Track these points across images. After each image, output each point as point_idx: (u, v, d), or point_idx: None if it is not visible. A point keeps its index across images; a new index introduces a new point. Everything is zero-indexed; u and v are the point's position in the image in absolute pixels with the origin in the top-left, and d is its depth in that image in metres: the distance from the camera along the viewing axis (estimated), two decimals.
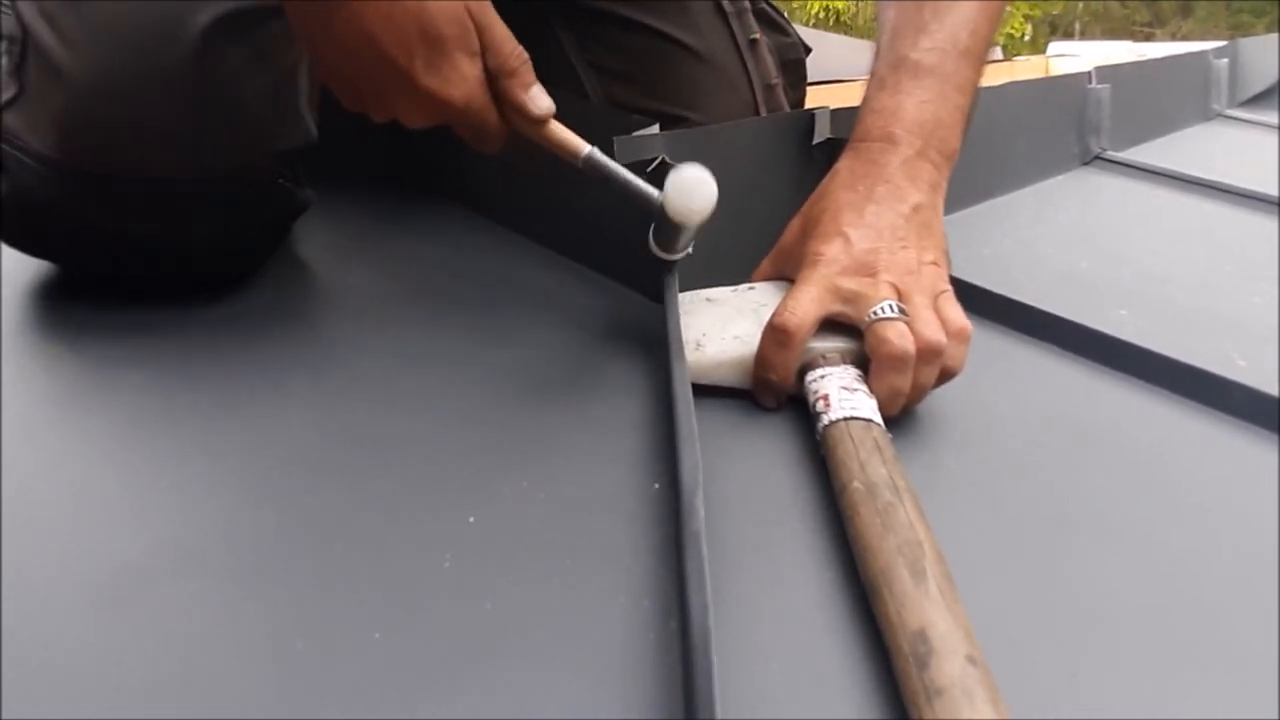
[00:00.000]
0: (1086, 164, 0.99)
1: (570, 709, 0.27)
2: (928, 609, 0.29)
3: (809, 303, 0.43)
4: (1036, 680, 0.29)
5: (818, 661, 0.30)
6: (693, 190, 0.43)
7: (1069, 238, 0.76)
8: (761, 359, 0.44)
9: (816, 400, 0.42)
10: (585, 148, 0.46)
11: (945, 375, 0.44)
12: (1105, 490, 0.40)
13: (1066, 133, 0.97)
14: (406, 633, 0.30)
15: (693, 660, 0.27)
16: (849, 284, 0.44)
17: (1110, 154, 0.99)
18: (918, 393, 0.43)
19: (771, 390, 0.44)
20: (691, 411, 0.39)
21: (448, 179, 0.74)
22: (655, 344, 0.50)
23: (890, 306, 0.42)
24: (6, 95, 0.46)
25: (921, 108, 0.50)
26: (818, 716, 0.28)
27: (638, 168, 0.52)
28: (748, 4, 0.74)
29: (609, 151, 0.50)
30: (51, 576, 0.31)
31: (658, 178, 0.50)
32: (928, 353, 0.42)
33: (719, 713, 0.25)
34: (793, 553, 0.35)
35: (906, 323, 0.42)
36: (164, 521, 0.34)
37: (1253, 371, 0.49)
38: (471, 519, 0.35)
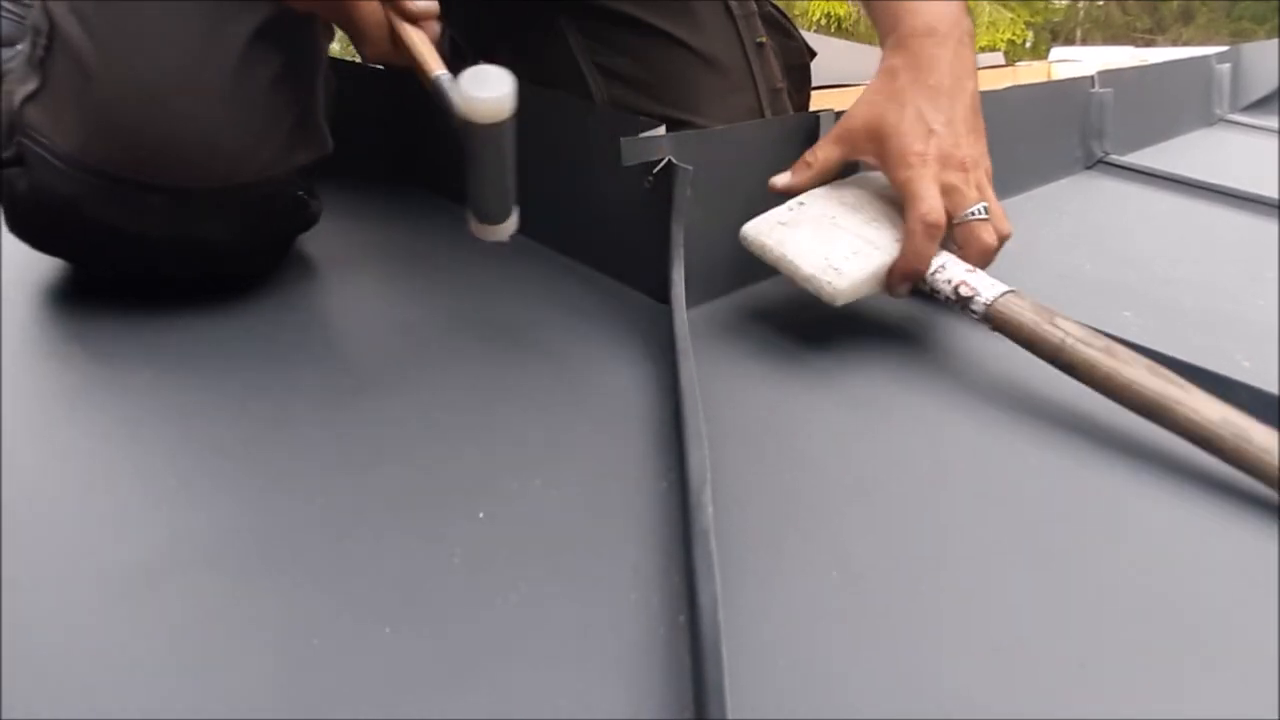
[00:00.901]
0: (1089, 168, 1.00)
1: (580, 703, 0.27)
2: (1210, 402, 0.40)
3: (939, 199, 0.49)
4: (1037, 681, 0.30)
5: (826, 655, 0.30)
6: (485, 82, 0.41)
7: (1073, 240, 0.76)
8: (917, 254, 0.49)
9: (955, 287, 0.48)
10: (438, 70, 0.44)
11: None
12: (1114, 487, 0.40)
13: (1069, 137, 0.97)
14: (417, 628, 0.30)
15: (703, 654, 0.27)
16: (951, 179, 0.50)
17: (1113, 158, 1.00)
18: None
19: (914, 280, 0.50)
20: (699, 410, 0.39)
21: (449, 180, 0.74)
22: (659, 343, 0.50)
23: (982, 209, 0.50)
24: (29, 88, 0.45)
25: None
26: (827, 709, 0.28)
27: (644, 169, 0.52)
28: (755, 7, 0.74)
29: (615, 152, 0.50)
30: (67, 571, 0.31)
31: (663, 180, 0.51)
32: (1004, 242, 0.52)
33: (729, 706, 0.25)
34: (801, 548, 0.35)
35: (989, 220, 0.50)
36: (175, 518, 0.34)
37: (1257, 372, 0.49)
38: (481, 515, 0.36)
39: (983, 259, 0.50)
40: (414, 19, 0.45)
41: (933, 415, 0.45)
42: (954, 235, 0.51)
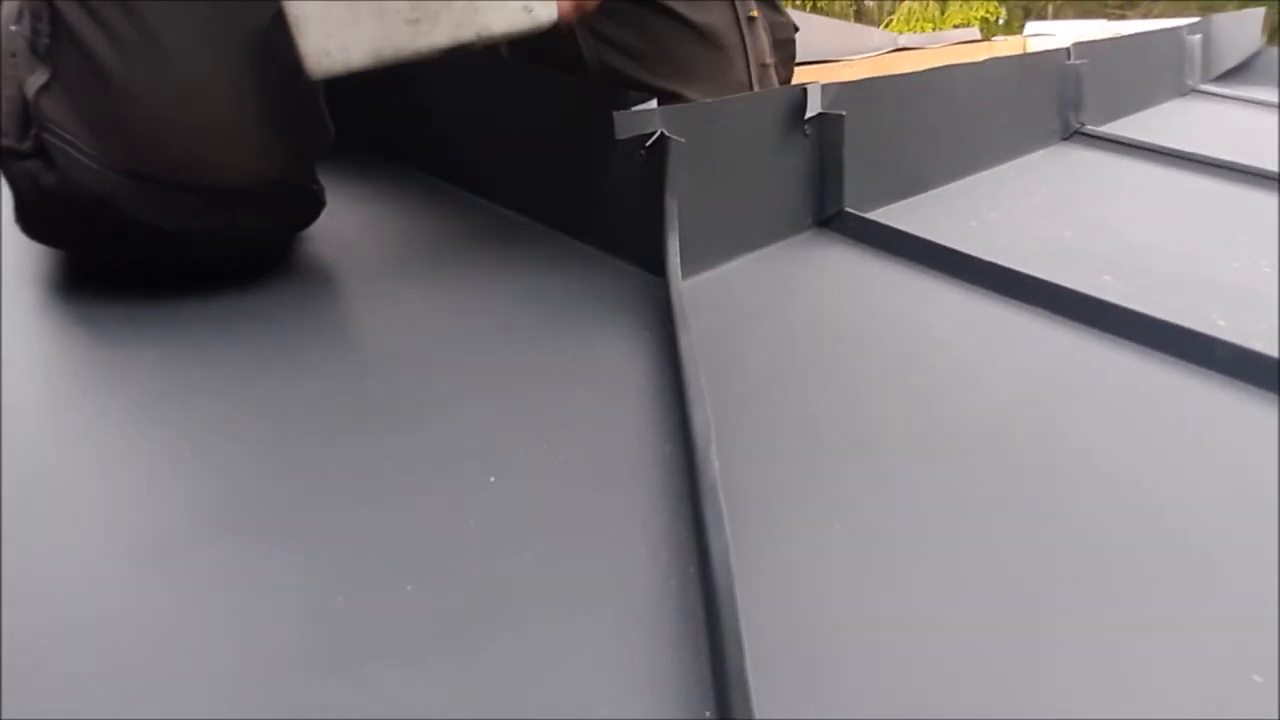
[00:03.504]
0: (1066, 139, 1.01)
1: (597, 652, 0.28)
2: None
3: None
4: (1033, 627, 0.31)
5: (833, 601, 0.31)
6: None
7: (1052, 209, 0.78)
8: None
9: None
10: None
11: None
12: (1095, 444, 0.42)
13: (1046, 108, 0.99)
14: (438, 585, 0.31)
15: (717, 600, 0.28)
16: None
17: (1089, 129, 1.01)
18: None
19: None
20: (699, 372, 0.40)
21: (446, 159, 0.74)
22: (656, 313, 0.51)
23: None
24: (40, 80, 0.45)
25: None
26: (837, 651, 0.29)
27: (635, 143, 0.53)
28: None
29: (608, 127, 0.51)
30: (89, 544, 0.32)
31: (655, 153, 0.51)
32: None
33: (746, 650, 0.26)
34: (804, 503, 0.36)
35: None
36: (193, 490, 0.35)
37: (1232, 330, 0.51)
38: (492, 479, 0.36)
39: None
40: None
41: (928, 374, 0.47)
42: None
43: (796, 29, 0.83)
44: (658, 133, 0.52)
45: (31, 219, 0.49)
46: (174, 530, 0.33)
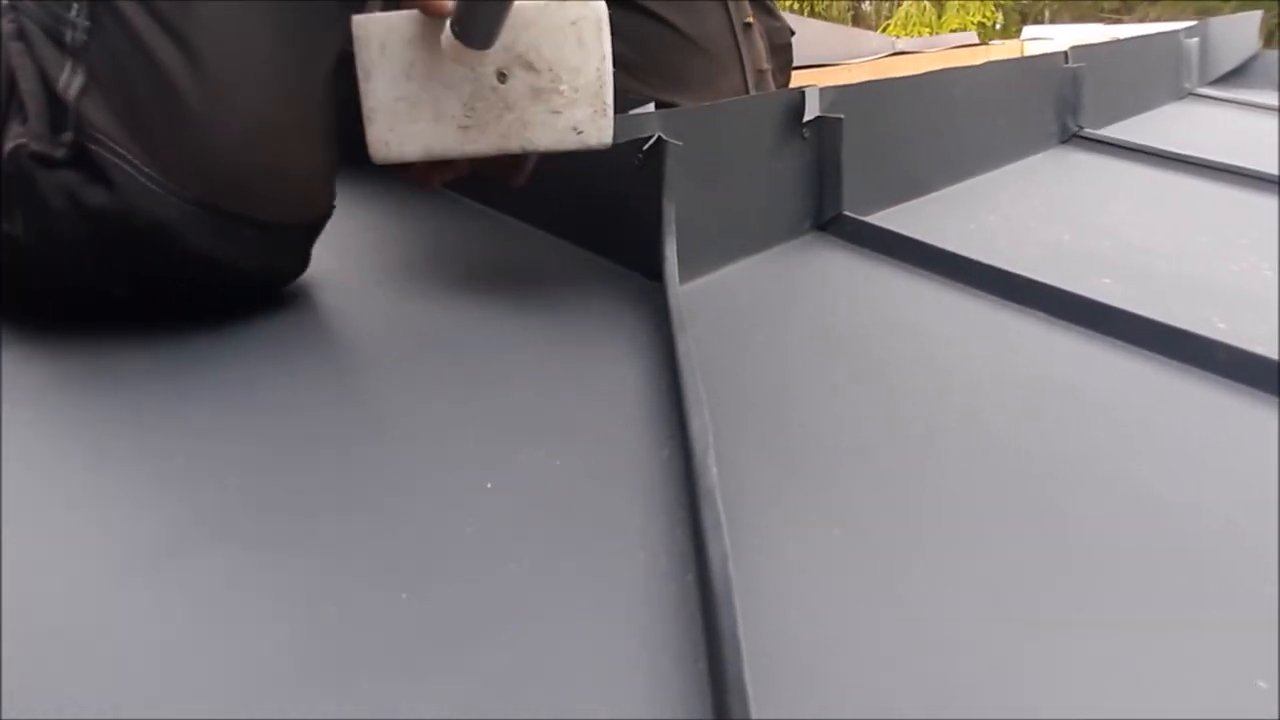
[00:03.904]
0: (1065, 142, 1.01)
1: (595, 658, 0.28)
2: None
3: None
4: (1033, 632, 0.31)
5: (832, 607, 0.31)
6: None
7: (1051, 212, 0.78)
8: None
9: None
10: None
11: None
12: (1094, 447, 0.42)
13: (1045, 112, 0.99)
14: (434, 592, 0.30)
15: (715, 606, 0.28)
16: None
17: (1087, 132, 1.02)
18: None
19: None
20: (697, 377, 0.40)
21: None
22: (653, 318, 0.51)
23: None
24: (77, 81, 0.41)
25: None
26: (837, 657, 0.29)
27: (633, 147, 0.53)
28: None
29: None
30: (81, 550, 0.32)
31: (653, 156, 0.51)
32: None
33: (745, 656, 0.26)
34: (802, 508, 0.36)
35: None
36: (188, 496, 0.35)
37: (1232, 333, 0.51)
38: (489, 486, 0.36)
39: None
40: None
41: (928, 378, 0.47)
42: None
43: (793, 33, 0.83)
44: (655, 136, 0.52)
45: (70, 244, 0.43)
46: (167, 537, 0.32)
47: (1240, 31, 1.66)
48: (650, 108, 0.53)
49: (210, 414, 0.41)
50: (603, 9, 0.44)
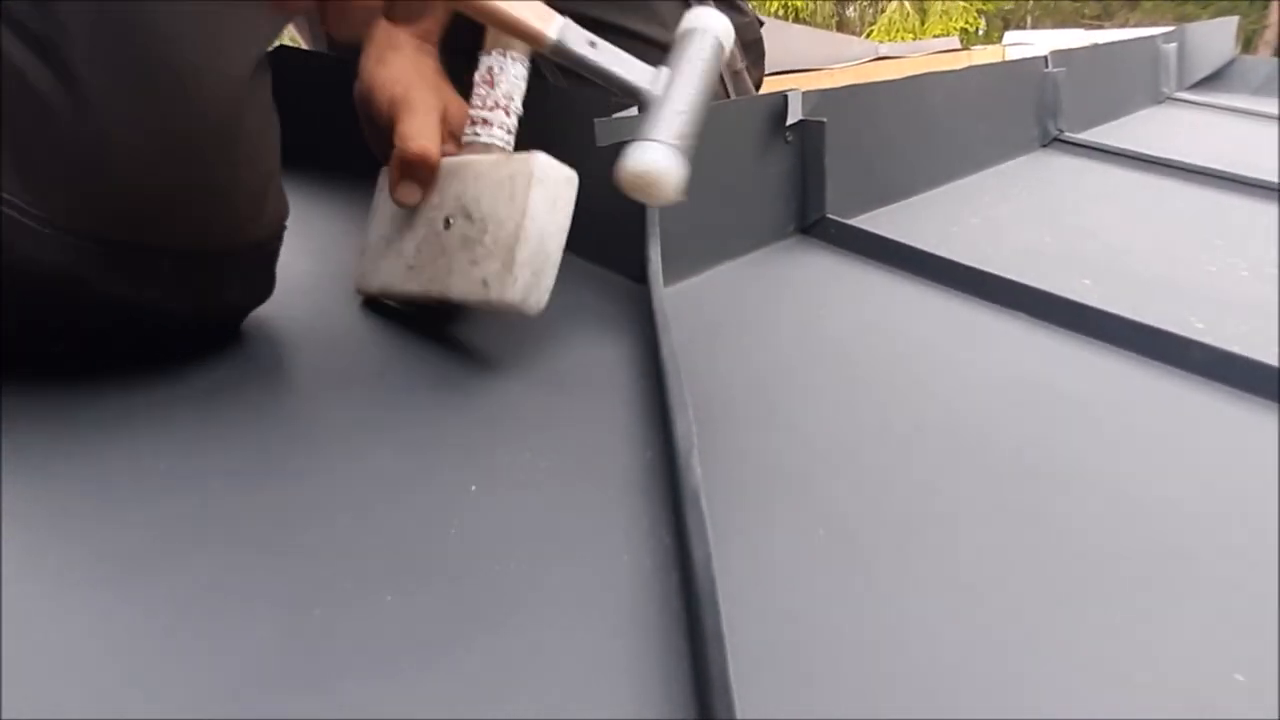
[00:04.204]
0: (1045, 146, 1.02)
1: (579, 659, 0.28)
2: None
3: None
4: (1015, 631, 0.31)
5: (817, 607, 0.31)
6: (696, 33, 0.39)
7: (1032, 215, 0.78)
8: None
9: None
10: (554, 29, 0.39)
11: None
12: (1075, 446, 0.42)
13: (1025, 116, 1.00)
14: (418, 595, 0.30)
15: (700, 608, 0.28)
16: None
17: (1068, 135, 1.03)
18: None
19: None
20: (681, 379, 0.40)
21: None
22: (638, 321, 0.51)
23: None
24: None
25: None
26: (822, 656, 0.29)
27: (617, 150, 0.53)
28: None
29: (589, 135, 0.51)
30: (57, 558, 0.32)
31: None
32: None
33: (729, 656, 0.26)
34: (787, 509, 0.36)
35: None
36: (172, 500, 0.35)
37: (1209, 334, 0.52)
38: (473, 488, 0.36)
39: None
40: None
41: (911, 379, 0.47)
42: None
43: (762, 23, 0.83)
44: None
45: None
46: (152, 540, 0.32)
47: (1217, 37, 1.68)
48: (634, 111, 0.53)
49: (193, 418, 0.40)
50: (542, 166, 0.43)
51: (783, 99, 0.62)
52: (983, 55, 2.17)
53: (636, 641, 0.29)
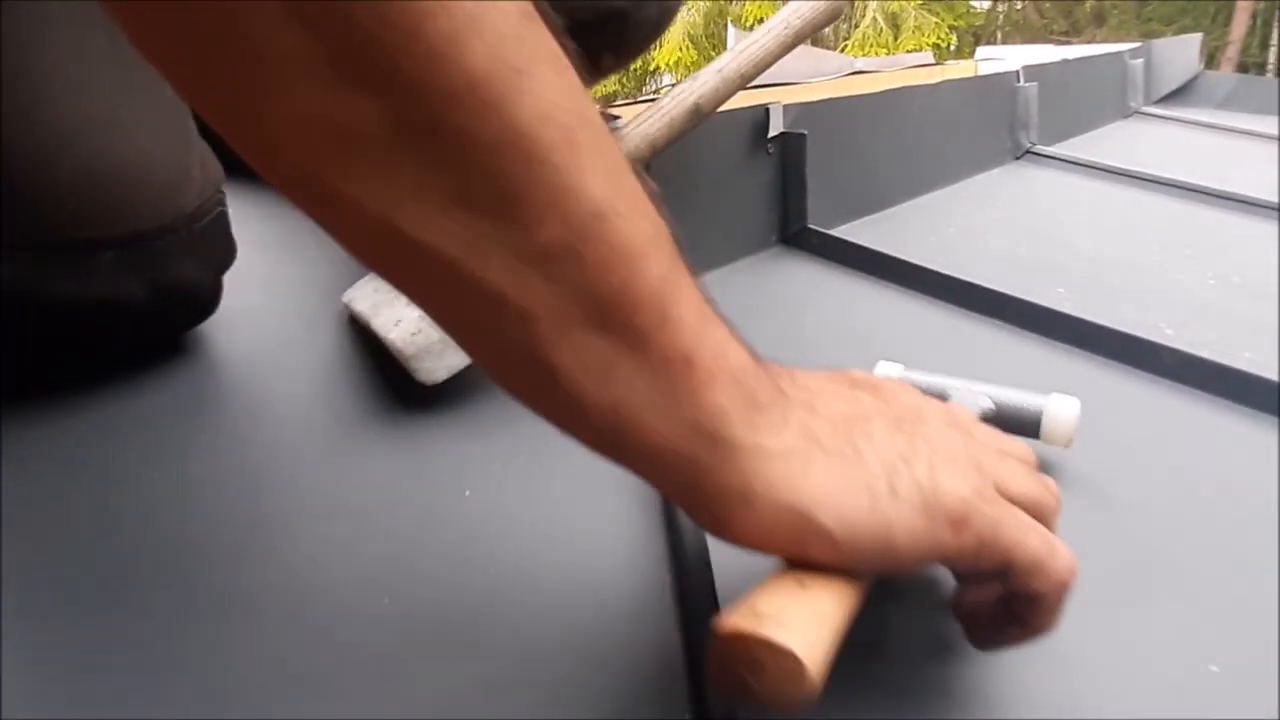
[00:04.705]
0: (1018, 158, 1.05)
1: (576, 657, 0.29)
2: None
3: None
4: None
5: None
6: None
7: (1007, 225, 0.80)
8: None
9: None
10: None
11: None
12: (1048, 448, 0.43)
13: (999, 128, 1.02)
14: (416, 595, 0.31)
15: (694, 604, 0.28)
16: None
17: (1040, 148, 1.05)
18: None
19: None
20: None
21: None
22: None
23: None
24: None
25: None
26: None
27: None
28: None
29: None
30: (47, 573, 0.32)
31: None
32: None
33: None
34: None
35: None
36: (170, 505, 0.35)
37: (1179, 338, 0.53)
38: (467, 493, 0.37)
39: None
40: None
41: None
42: None
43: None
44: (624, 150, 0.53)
45: None
46: (149, 546, 0.32)
47: (1182, 53, 1.72)
48: (620, 119, 0.54)
49: (187, 420, 0.40)
50: None
51: (764, 112, 0.63)
52: (956, 70, 2.21)
53: (632, 640, 0.29)
